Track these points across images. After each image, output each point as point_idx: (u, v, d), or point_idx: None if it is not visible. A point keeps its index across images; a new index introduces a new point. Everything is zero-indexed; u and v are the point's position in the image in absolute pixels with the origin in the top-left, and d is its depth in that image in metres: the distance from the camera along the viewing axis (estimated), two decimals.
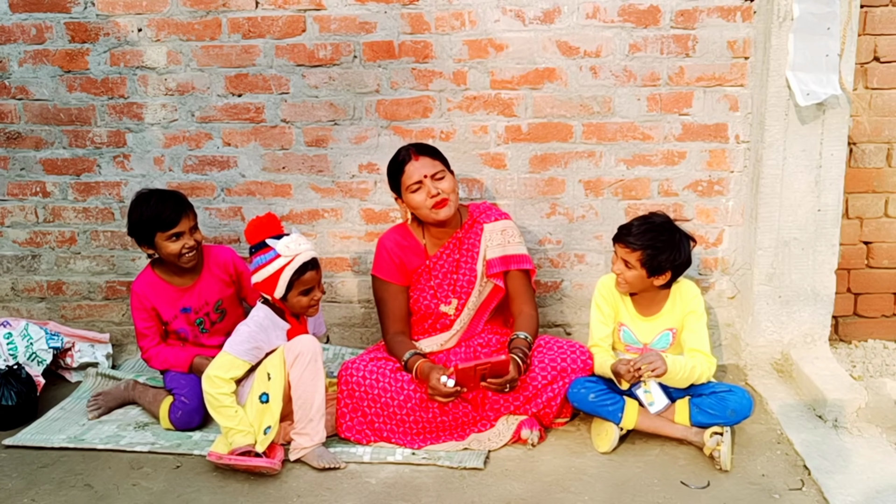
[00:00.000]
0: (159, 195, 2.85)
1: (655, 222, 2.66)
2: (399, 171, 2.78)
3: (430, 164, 2.76)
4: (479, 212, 2.93)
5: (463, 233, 2.89)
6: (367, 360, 2.77)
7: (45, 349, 3.17)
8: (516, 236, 2.90)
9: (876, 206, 3.27)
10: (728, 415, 2.55)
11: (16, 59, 3.25)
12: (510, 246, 2.87)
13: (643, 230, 2.63)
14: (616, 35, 3.09)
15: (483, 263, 2.87)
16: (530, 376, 2.70)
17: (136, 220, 2.83)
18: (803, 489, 2.37)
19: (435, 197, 2.73)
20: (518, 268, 2.87)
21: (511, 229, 2.90)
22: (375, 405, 2.67)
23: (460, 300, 2.89)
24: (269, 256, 2.59)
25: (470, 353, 2.88)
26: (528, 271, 2.91)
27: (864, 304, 3.38)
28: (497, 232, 2.87)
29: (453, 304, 2.90)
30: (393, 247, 2.90)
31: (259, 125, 3.27)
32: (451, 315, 2.90)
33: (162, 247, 2.82)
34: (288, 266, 2.57)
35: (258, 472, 2.49)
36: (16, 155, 3.37)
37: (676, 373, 2.55)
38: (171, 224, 2.79)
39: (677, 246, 2.62)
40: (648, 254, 2.60)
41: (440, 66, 3.15)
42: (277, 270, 2.57)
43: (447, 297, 2.90)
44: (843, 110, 2.93)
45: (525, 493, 2.39)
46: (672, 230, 2.65)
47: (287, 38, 3.16)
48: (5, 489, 2.48)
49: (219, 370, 2.58)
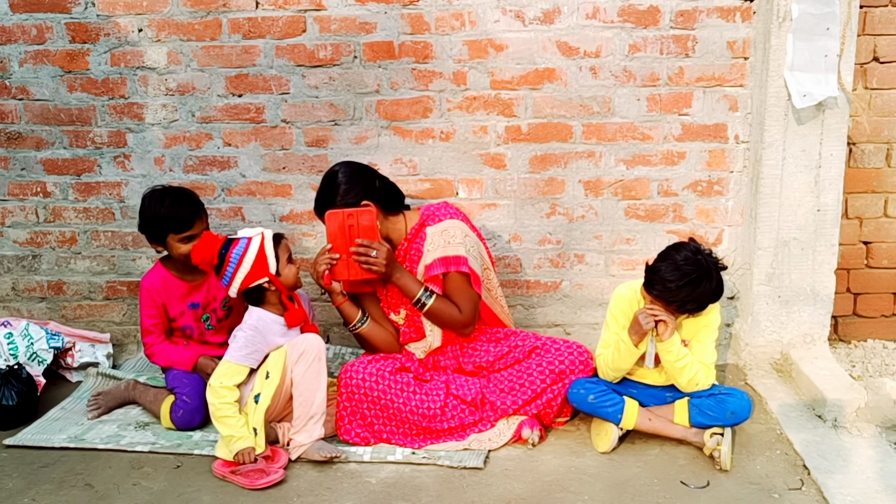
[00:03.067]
0: (174, 195, 2.84)
1: (689, 272, 2.44)
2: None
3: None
4: (428, 214, 2.80)
5: (409, 240, 2.80)
6: (366, 361, 2.76)
7: (45, 349, 3.17)
8: (457, 237, 2.71)
9: (875, 206, 3.28)
10: (727, 416, 2.55)
11: (16, 59, 3.26)
12: (449, 247, 2.69)
13: (682, 285, 2.44)
14: (616, 35, 3.09)
15: (423, 269, 2.75)
16: (529, 379, 2.71)
17: (149, 218, 2.82)
18: (803, 489, 2.37)
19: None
20: (456, 270, 2.68)
21: (453, 229, 2.71)
22: (375, 407, 2.67)
23: (408, 308, 2.81)
24: (241, 246, 2.59)
25: (458, 353, 2.85)
26: (468, 275, 2.70)
27: (864, 304, 3.38)
28: (438, 234, 2.72)
29: (402, 314, 2.83)
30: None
31: (259, 125, 3.27)
32: (401, 324, 2.84)
33: (174, 248, 2.82)
34: (265, 240, 2.61)
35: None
36: (16, 155, 3.38)
37: (673, 349, 2.52)
38: (186, 227, 2.79)
39: (716, 284, 2.48)
40: (691, 308, 2.51)
41: (440, 66, 3.15)
42: (259, 248, 2.59)
43: (396, 307, 2.84)
44: (843, 110, 2.93)
45: (525, 493, 2.39)
46: (707, 270, 2.46)
47: (287, 38, 3.16)
48: (6, 489, 2.48)
49: (221, 378, 2.59)
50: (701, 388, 2.61)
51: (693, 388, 2.60)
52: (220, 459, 2.55)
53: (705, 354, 2.63)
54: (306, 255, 3.39)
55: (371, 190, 2.71)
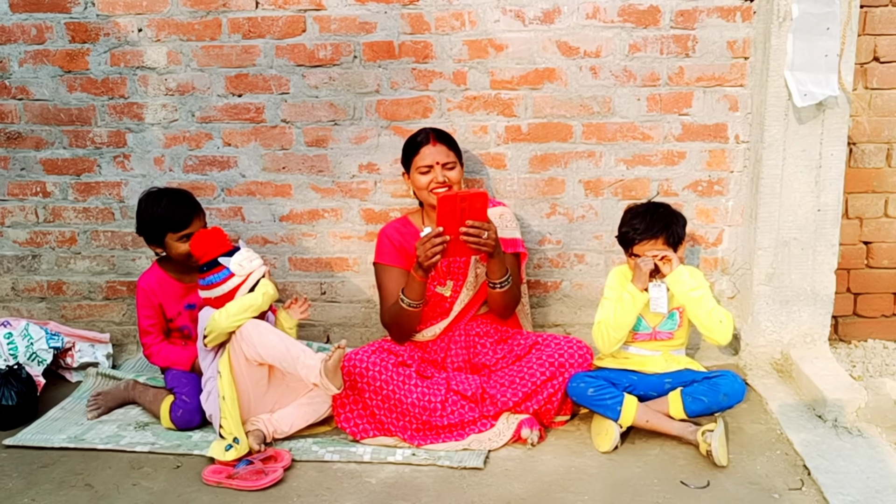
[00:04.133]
0: (170, 195, 2.86)
1: (644, 208, 2.78)
2: (414, 150, 2.87)
3: (445, 153, 2.85)
4: None
5: None
6: (369, 351, 2.78)
7: (45, 349, 3.17)
8: (513, 221, 2.99)
9: (876, 206, 3.27)
10: (721, 399, 2.56)
11: (16, 59, 3.26)
12: (506, 230, 2.93)
13: (646, 218, 2.72)
14: (616, 35, 3.09)
15: None
16: (529, 372, 2.71)
17: (146, 219, 2.83)
18: (803, 489, 2.37)
19: (441, 184, 2.82)
20: (512, 251, 2.92)
21: (508, 215, 2.99)
22: (377, 396, 2.68)
23: (457, 282, 2.91)
24: (222, 275, 2.61)
25: (469, 343, 2.88)
26: (519, 256, 2.98)
27: (864, 304, 3.38)
28: (494, 216, 2.86)
29: (449, 286, 2.91)
30: (393, 233, 2.96)
31: (259, 125, 3.27)
32: (447, 297, 2.91)
33: (172, 247, 2.83)
34: (243, 285, 2.61)
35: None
36: (16, 155, 3.37)
37: (683, 279, 2.64)
38: (184, 225, 2.81)
39: (674, 213, 2.77)
40: (668, 232, 2.70)
41: (440, 66, 3.15)
42: (232, 289, 2.61)
43: (443, 280, 2.91)
44: (843, 110, 2.93)
45: (525, 493, 2.39)
46: (658, 204, 2.81)
47: (287, 38, 3.16)
48: (5, 489, 2.48)
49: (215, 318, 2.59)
50: (726, 326, 2.64)
51: (718, 326, 2.64)
52: (210, 467, 2.52)
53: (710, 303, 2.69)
54: (306, 255, 3.39)
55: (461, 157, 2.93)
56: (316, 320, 3.43)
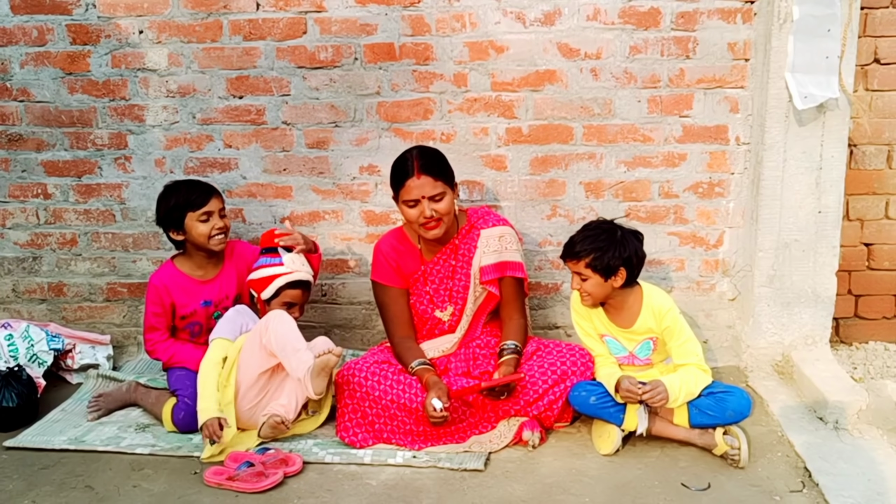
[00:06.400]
0: (187, 181, 3.00)
1: (593, 226, 2.68)
2: (399, 182, 2.76)
3: (431, 185, 2.71)
4: (477, 217, 2.91)
5: (459, 239, 2.88)
6: (370, 361, 2.78)
7: (45, 351, 3.17)
8: (513, 243, 2.86)
9: (876, 208, 3.27)
10: (727, 416, 2.55)
11: (17, 61, 3.26)
12: (506, 253, 2.84)
13: (583, 238, 2.62)
14: (616, 37, 3.09)
15: (478, 270, 2.84)
16: (531, 381, 2.70)
17: (167, 202, 2.91)
18: (804, 491, 2.37)
19: (428, 220, 2.73)
20: (512, 275, 2.85)
21: (508, 236, 2.86)
22: (377, 406, 2.67)
23: (456, 306, 2.89)
24: (273, 261, 2.84)
25: (469, 356, 2.88)
26: (522, 279, 2.88)
27: (865, 306, 3.37)
28: (494, 238, 2.84)
29: (448, 311, 2.90)
30: (389, 251, 2.91)
31: (260, 127, 3.27)
32: (445, 321, 2.91)
33: (192, 228, 2.88)
34: (283, 276, 2.81)
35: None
36: (17, 157, 3.38)
37: (678, 399, 2.55)
38: (202, 203, 2.88)
39: (620, 242, 2.59)
40: (595, 257, 2.57)
41: (441, 67, 3.15)
42: (274, 275, 2.81)
43: (443, 304, 2.90)
44: (844, 112, 2.93)
45: (526, 495, 2.39)
46: (611, 229, 2.63)
47: (288, 40, 3.16)
48: (6, 491, 2.48)
49: (210, 354, 2.75)
50: (704, 385, 2.60)
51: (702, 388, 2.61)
52: (211, 469, 2.53)
53: (685, 353, 2.63)
54: None
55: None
56: (316, 322, 3.43)
